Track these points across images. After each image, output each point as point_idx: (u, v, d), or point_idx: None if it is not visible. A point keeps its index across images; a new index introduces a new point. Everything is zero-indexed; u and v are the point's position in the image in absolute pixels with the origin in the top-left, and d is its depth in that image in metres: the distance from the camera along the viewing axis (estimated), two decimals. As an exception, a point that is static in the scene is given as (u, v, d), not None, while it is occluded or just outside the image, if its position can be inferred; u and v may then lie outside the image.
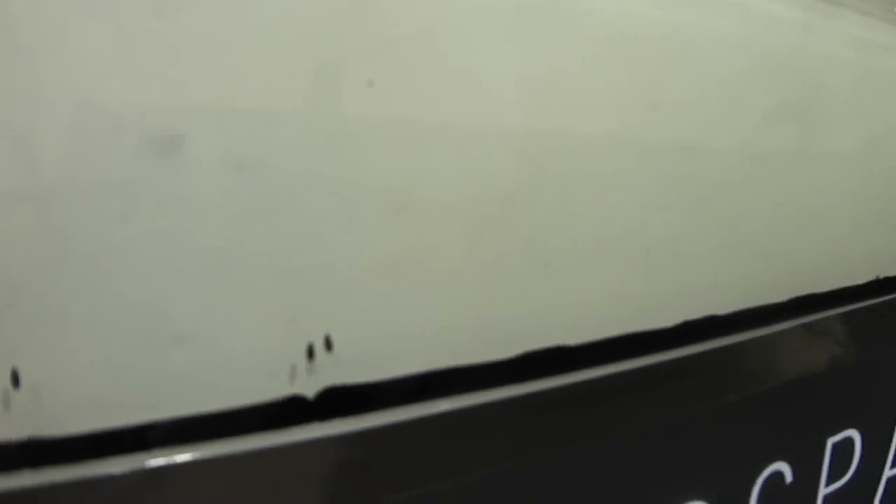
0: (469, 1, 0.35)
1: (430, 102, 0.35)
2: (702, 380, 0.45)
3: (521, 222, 0.38)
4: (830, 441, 0.55)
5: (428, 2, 0.34)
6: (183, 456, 0.31)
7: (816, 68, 0.51)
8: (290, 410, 0.33)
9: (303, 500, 0.33)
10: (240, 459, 0.32)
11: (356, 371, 0.35)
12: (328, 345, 0.34)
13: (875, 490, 0.61)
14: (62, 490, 0.30)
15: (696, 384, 0.44)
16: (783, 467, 0.52)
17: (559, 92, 0.39)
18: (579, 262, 0.41)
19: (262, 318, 0.32)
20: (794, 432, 0.52)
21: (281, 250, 0.32)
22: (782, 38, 0.49)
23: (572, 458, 0.40)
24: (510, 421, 0.38)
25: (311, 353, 0.33)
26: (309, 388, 0.34)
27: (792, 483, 0.52)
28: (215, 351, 0.32)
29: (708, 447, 0.46)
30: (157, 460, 0.31)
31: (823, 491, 0.55)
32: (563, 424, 0.40)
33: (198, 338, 0.31)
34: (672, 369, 0.43)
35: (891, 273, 0.60)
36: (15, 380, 0.29)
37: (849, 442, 0.57)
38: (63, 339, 0.30)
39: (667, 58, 0.43)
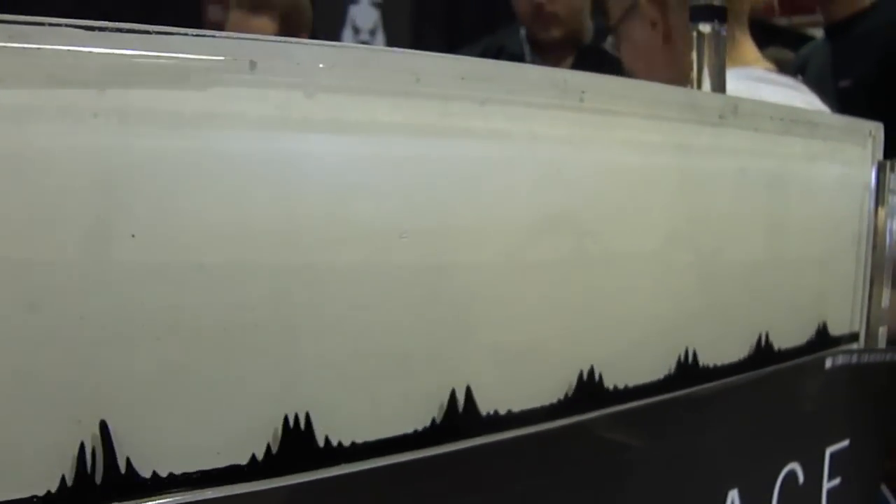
0: (213, 157, 0.45)
1: (185, 247, 0.44)
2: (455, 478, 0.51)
3: (273, 344, 0.47)
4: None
5: (176, 164, 0.44)
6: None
7: (591, 177, 0.58)
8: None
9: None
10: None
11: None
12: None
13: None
14: None
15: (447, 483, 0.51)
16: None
17: (309, 228, 0.48)
18: (334, 373, 0.49)
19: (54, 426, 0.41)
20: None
21: (69, 373, 0.42)
22: (548, 154, 0.56)
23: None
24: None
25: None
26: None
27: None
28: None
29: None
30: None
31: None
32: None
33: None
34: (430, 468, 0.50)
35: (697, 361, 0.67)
36: None
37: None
38: None
39: (418, 185, 0.51)
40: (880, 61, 2.19)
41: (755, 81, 1.34)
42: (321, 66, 0.46)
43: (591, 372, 0.60)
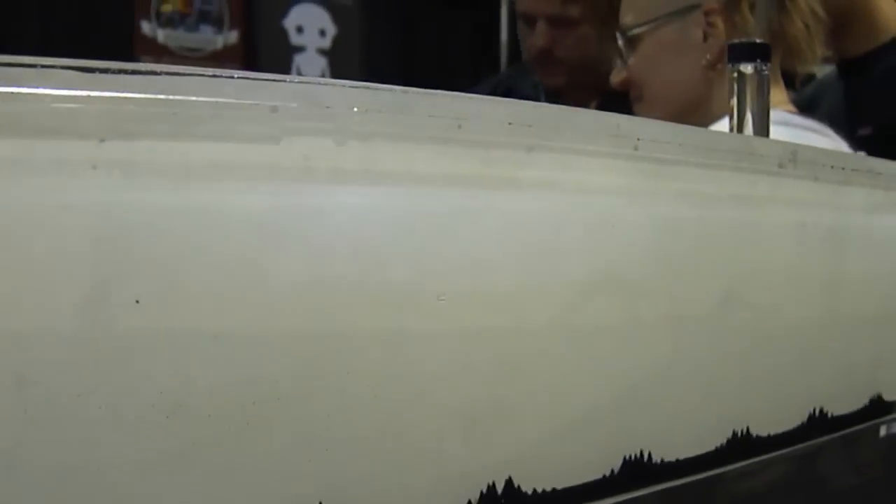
0: (228, 213, 0.40)
1: (195, 313, 0.39)
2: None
3: (292, 419, 0.42)
4: None
5: (186, 222, 0.39)
6: None
7: (645, 232, 0.53)
8: None
9: None
10: None
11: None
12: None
13: None
14: None
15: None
16: None
17: (337, 291, 0.43)
18: (361, 451, 0.44)
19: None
20: None
21: (61, 454, 0.37)
22: (600, 206, 0.51)
23: None
24: None
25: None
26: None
27: None
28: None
29: None
30: None
31: None
32: None
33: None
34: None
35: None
36: None
37: None
38: None
39: (457, 241, 0.47)
40: (905, 106, 1.91)
41: (776, 125, 1.29)
42: (355, 109, 0.40)
43: (640, 445, 0.55)
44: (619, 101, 1.58)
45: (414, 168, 0.45)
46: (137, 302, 0.38)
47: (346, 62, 3.86)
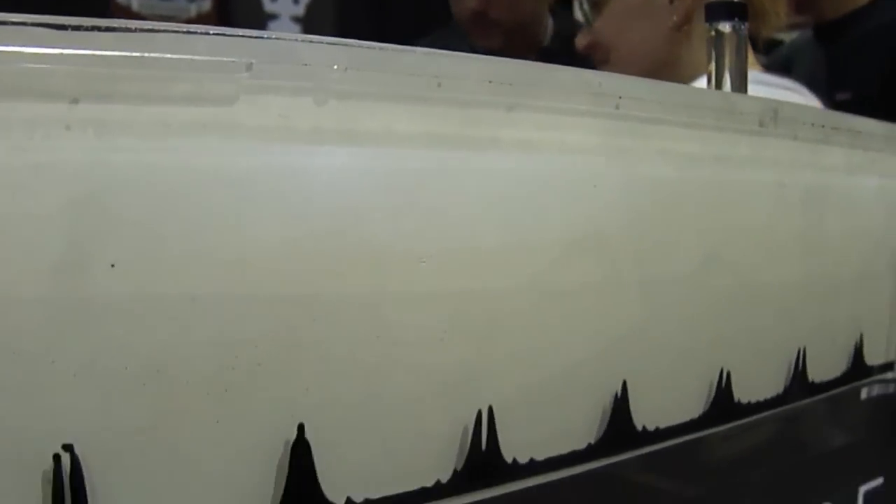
0: (205, 173, 0.39)
1: (172, 276, 0.38)
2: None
3: (272, 385, 0.41)
4: None
5: (162, 183, 0.38)
6: None
7: (627, 192, 0.53)
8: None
9: None
10: None
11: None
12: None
13: None
14: None
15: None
16: None
17: (317, 253, 0.42)
18: (341, 416, 0.43)
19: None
20: None
21: (34, 421, 0.36)
22: (582, 166, 0.50)
23: None
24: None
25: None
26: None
27: None
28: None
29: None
30: None
31: None
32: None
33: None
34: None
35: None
36: None
37: None
38: None
39: (439, 202, 0.46)
40: (884, 70, 1.87)
41: (752, 84, 1.28)
42: (335, 67, 0.39)
43: (623, 405, 0.56)
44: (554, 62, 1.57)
45: (394, 127, 0.44)
46: (113, 265, 0.37)
47: (321, 30, 3.84)
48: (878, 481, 0.73)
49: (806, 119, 0.65)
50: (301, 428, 0.42)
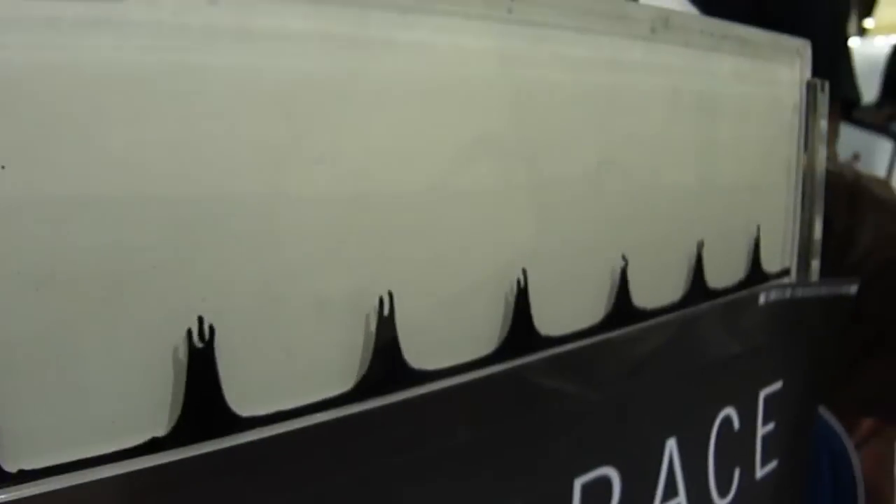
0: (96, 72, 0.38)
1: (64, 178, 0.37)
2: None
3: (169, 289, 0.40)
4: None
5: (51, 80, 0.37)
6: None
7: (521, 96, 0.53)
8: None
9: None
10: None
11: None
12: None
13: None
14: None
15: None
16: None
17: (212, 154, 0.42)
18: (247, 322, 0.43)
19: None
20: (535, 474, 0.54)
21: None
22: (475, 72, 0.50)
23: None
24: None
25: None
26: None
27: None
28: None
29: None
30: None
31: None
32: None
33: None
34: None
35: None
36: None
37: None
38: None
39: (334, 104, 0.46)
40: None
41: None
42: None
43: (523, 310, 0.56)
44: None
45: (288, 26, 0.43)
46: (3, 167, 0.36)
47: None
48: (778, 385, 0.75)
49: (696, 26, 0.66)
50: (200, 335, 0.41)
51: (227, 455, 0.39)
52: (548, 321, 0.56)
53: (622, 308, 0.61)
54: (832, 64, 1.04)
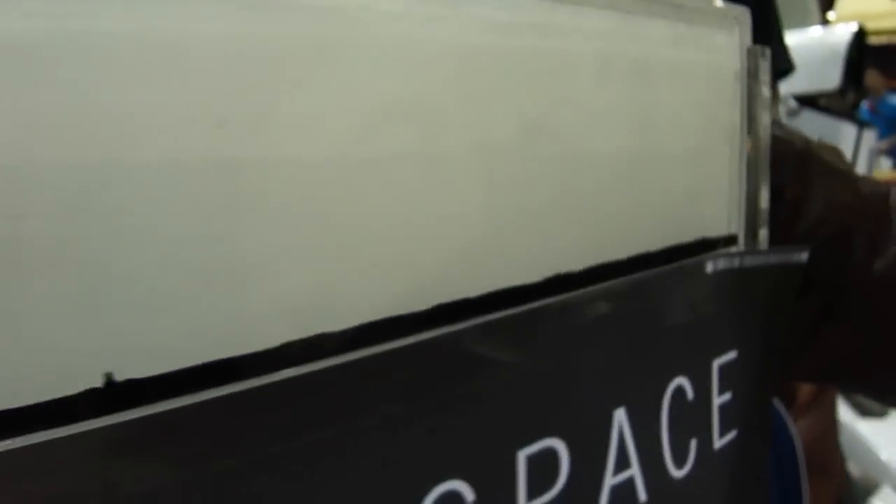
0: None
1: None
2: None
3: (55, 266, 0.39)
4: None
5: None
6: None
7: (442, 59, 0.52)
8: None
9: None
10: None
11: None
12: None
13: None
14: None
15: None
16: (462, 487, 0.52)
17: (104, 117, 0.41)
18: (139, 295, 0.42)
19: None
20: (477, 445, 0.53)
21: None
22: (393, 34, 0.50)
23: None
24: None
25: None
26: None
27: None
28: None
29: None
30: None
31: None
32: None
33: None
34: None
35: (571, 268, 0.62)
36: None
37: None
38: None
39: (231, 71, 0.45)
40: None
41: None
42: None
43: (444, 276, 0.55)
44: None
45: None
46: None
47: None
48: (732, 355, 0.74)
49: (627, -9, 0.65)
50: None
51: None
52: (477, 289, 0.55)
53: (556, 273, 0.60)
54: (764, 34, 1.04)
